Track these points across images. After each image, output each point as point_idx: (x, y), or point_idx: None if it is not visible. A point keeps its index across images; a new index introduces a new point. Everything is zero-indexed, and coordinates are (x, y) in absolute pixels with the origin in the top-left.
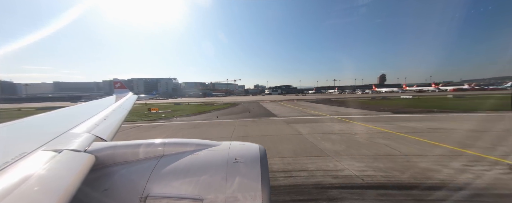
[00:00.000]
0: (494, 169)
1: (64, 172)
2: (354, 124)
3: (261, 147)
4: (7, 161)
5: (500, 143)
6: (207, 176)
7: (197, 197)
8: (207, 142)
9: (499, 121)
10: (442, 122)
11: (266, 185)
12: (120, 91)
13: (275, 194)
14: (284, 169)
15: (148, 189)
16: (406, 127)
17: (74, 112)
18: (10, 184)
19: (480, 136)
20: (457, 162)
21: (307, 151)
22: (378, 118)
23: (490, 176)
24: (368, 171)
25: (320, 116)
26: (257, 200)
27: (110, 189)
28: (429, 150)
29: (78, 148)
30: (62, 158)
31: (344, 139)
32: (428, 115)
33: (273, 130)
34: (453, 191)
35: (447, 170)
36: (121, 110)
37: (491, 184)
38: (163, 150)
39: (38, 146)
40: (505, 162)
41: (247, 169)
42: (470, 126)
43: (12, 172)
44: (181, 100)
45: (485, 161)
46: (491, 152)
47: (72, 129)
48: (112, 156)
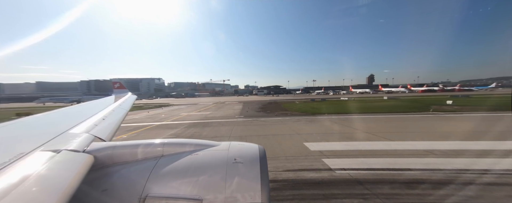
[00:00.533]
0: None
1: (63, 172)
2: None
3: (261, 147)
4: (5, 161)
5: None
6: (207, 176)
7: (197, 197)
8: (206, 142)
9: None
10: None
11: (266, 185)
12: (119, 91)
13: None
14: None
15: (147, 189)
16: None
17: (73, 112)
18: (8, 185)
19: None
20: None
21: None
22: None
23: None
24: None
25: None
26: (257, 200)
27: (109, 189)
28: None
29: (77, 148)
30: (61, 158)
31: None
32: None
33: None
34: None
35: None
36: (120, 110)
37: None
38: (162, 150)
39: (36, 146)
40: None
41: (246, 169)
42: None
43: (10, 172)
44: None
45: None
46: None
47: (71, 129)
48: (111, 156)
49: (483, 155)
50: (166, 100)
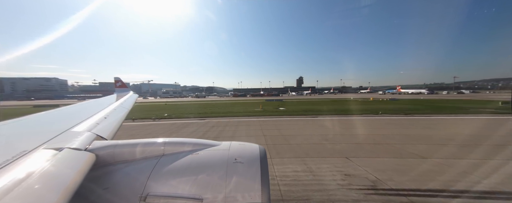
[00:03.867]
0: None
1: (65, 170)
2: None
3: (261, 147)
4: (8, 159)
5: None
6: (207, 175)
7: (197, 196)
8: (207, 142)
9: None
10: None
11: (266, 185)
12: (120, 90)
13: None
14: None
15: (148, 188)
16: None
17: (75, 110)
18: (11, 182)
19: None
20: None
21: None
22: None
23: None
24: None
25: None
26: (257, 200)
27: (111, 187)
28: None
29: (79, 146)
30: (63, 157)
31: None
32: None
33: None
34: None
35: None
36: (121, 109)
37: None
38: (163, 149)
39: (39, 144)
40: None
41: (246, 169)
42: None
43: (13, 170)
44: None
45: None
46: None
47: (73, 128)
48: (113, 155)
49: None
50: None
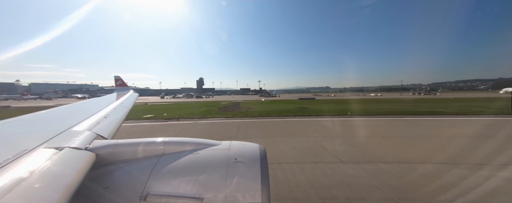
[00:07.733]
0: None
1: (65, 169)
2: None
3: (261, 147)
4: (8, 158)
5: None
6: (207, 175)
7: (197, 196)
8: (207, 141)
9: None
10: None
11: (266, 185)
12: (121, 88)
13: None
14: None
15: (149, 187)
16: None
17: (75, 109)
18: (11, 181)
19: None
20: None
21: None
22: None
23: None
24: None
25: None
26: (257, 200)
27: (111, 187)
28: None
29: (79, 146)
30: (63, 156)
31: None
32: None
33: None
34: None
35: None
36: (121, 108)
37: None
38: (163, 148)
39: (39, 144)
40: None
41: (247, 169)
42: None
43: (13, 169)
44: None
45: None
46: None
47: (73, 127)
48: (113, 154)
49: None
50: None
